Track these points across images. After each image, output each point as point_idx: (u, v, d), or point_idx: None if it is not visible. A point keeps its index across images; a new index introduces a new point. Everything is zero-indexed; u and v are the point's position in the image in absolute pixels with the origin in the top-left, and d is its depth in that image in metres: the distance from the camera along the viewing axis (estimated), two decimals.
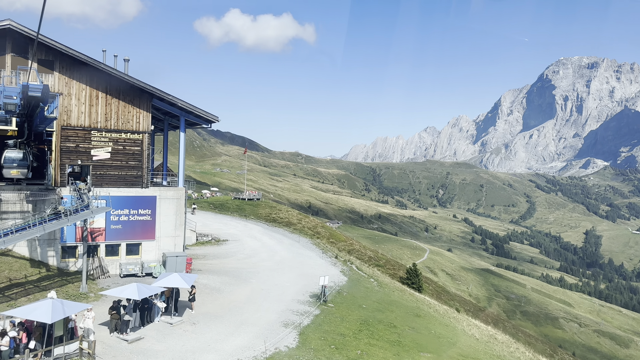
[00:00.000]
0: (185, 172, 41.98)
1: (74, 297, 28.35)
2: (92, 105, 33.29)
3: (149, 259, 35.25)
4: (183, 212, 36.48)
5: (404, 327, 31.02)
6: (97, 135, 33.46)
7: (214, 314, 28.52)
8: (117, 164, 34.23)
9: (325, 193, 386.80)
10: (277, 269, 40.64)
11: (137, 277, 34.03)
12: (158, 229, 35.53)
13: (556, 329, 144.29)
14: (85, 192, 30.48)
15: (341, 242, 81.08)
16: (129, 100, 34.36)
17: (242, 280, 36.20)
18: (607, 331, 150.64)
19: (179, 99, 35.18)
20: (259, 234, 57.86)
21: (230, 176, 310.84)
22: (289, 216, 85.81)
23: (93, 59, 32.11)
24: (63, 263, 32.82)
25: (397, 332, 29.71)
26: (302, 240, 56.01)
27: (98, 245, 33.93)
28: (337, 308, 32.48)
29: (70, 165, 33.29)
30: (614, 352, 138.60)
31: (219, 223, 63.26)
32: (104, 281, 32.43)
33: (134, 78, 33.37)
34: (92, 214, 28.26)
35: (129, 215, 34.55)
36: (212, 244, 49.34)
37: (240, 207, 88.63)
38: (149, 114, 35.05)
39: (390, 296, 38.73)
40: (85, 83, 32.96)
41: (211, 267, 39.77)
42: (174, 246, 36.19)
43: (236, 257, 44.46)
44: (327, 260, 46.59)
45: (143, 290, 24.25)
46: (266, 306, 30.85)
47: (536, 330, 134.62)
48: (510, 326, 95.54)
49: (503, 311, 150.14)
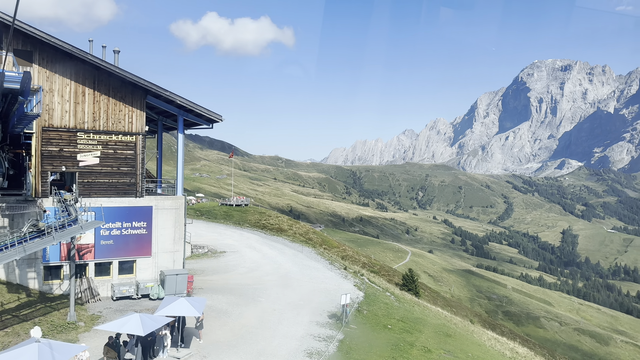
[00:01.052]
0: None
1: (61, 328, 24.05)
2: (77, 103, 28.94)
3: (144, 278, 30.97)
4: (182, 224, 32.32)
5: (439, 351, 27.54)
6: (84, 137, 29.11)
7: (226, 343, 24.56)
8: (108, 170, 29.90)
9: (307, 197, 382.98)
10: (285, 285, 36.74)
11: (131, 299, 29.76)
12: (155, 244, 31.28)
13: (538, 328, 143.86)
14: (71, 203, 26.16)
15: (334, 248, 77.83)
16: (121, 98, 30.11)
17: (250, 299, 32.23)
18: (587, 329, 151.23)
19: (178, 96, 31.02)
20: (258, 243, 53.73)
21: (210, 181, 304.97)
22: (279, 222, 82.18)
23: (79, 50, 27.77)
24: (46, 286, 28.36)
25: (433, 357, 26.24)
26: (305, 250, 52.12)
27: (86, 264, 29.52)
28: (361, 330, 28.84)
29: (53, 172, 28.87)
30: (594, 350, 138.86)
31: (213, 232, 58.91)
32: (95, 306, 28.10)
33: (126, 72, 29.13)
34: (82, 230, 24.00)
35: (122, 228, 30.23)
36: (209, 257, 45.07)
37: (229, 214, 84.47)
38: (143, 113, 30.82)
39: (413, 313, 35.22)
40: (69, 77, 28.61)
41: (212, 284, 35.67)
42: (172, 263, 31.97)
43: (237, 271, 40.39)
44: (337, 273, 42.83)
45: (148, 323, 20.11)
46: (283, 331, 27.00)
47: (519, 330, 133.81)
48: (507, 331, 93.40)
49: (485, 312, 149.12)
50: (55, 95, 28.29)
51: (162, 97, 31.17)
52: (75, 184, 28.77)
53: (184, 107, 32.10)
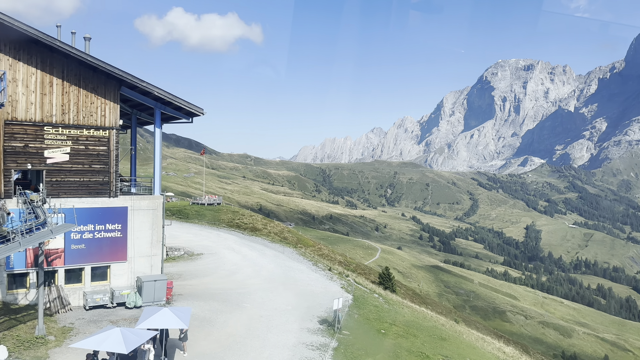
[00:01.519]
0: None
1: (29, 344, 21.59)
2: (44, 94, 26.32)
3: (120, 285, 28.58)
4: (161, 226, 30.00)
5: (437, 357, 26.27)
6: (52, 132, 26.52)
7: (212, 355, 22.58)
8: (78, 167, 27.36)
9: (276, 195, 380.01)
10: (270, 288, 34.84)
11: (106, 308, 27.35)
12: (130, 248, 28.90)
13: (504, 322, 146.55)
14: (39, 204, 23.64)
15: (310, 247, 76.39)
16: (92, 89, 27.59)
17: (234, 306, 30.23)
18: (550, 322, 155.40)
19: (155, 87, 28.66)
20: (236, 244, 51.46)
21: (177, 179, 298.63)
22: (253, 221, 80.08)
23: (46, 35, 25.17)
24: (10, 296, 25.69)
25: None
26: (286, 251, 50.17)
27: (55, 270, 26.95)
28: (355, 336, 27.28)
29: (18, 170, 26.21)
30: (557, 342, 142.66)
31: (188, 233, 56.30)
32: (66, 317, 25.61)
33: (98, 60, 26.64)
34: (52, 234, 21.58)
35: (94, 231, 27.76)
36: (185, 260, 42.66)
37: (201, 214, 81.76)
38: (117, 106, 28.37)
39: (404, 315, 33.90)
40: (35, 66, 25.97)
41: (192, 289, 33.46)
42: (150, 268, 29.65)
43: (217, 274, 38.21)
44: (322, 274, 41.14)
45: (130, 339, 17.98)
46: (273, 340, 25.18)
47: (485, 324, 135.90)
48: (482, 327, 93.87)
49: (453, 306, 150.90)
50: (20, 86, 25.61)
51: (138, 89, 28.78)
52: (42, 183, 26.18)
53: (162, 100, 29.76)
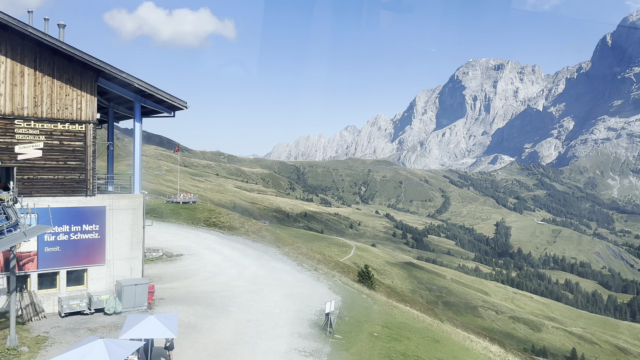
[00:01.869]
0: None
1: (0, 356, 19.80)
2: (15, 85, 24.36)
3: (98, 290, 26.81)
4: (141, 227, 28.29)
5: None
6: (24, 125, 24.58)
7: None
8: (52, 164, 25.48)
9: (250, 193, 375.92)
10: (256, 291, 33.48)
11: (83, 314, 25.57)
12: (109, 250, 27.15)
13: (476, 317, 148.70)
14: (9, 204, 21.75)
15: (288, 245, 75.29)
16: (67, 80, 25.72)
17: (220, 310, 28.79)
18: (521, 317, 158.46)
19: (136, 78, 26.93)
20: (216, 244, 49.79)
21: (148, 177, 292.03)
22: (230, 220, 78.41)
23: (16, 21, 23.24)
24: None
25: None
26: (269, 251, 48.80)
27: (28, 275, 25.03)
28: (347, 340, 26.25)
29: None
30: (528, 336, 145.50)
31: (166, 233, 54.24)
32: (40, 325, 23.76)
33: (74, 49, 24.80)
34: (26, 237, 19.79)
35: (70, 232, 25.92)
36: (164, 261, 40.85)
37: (176, 212, 79.48)
38: (94, 98, 26.56)
39: (394, 317, 33.05)
40: (4, 54, 23.99)
41: (173, 293, 31.83)
42: (130, 271, 27.93)
43: (199, 276, 36.62)
44: (308, 275, 39.97)
45: (115, 352, 16.44)
46: (263, 346, 23.91)
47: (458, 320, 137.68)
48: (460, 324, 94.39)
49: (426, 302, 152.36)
50: None
51: (116, 80, 26.99)
52: (13, 182, 24.22)
53: (142, 92, 28.02)
